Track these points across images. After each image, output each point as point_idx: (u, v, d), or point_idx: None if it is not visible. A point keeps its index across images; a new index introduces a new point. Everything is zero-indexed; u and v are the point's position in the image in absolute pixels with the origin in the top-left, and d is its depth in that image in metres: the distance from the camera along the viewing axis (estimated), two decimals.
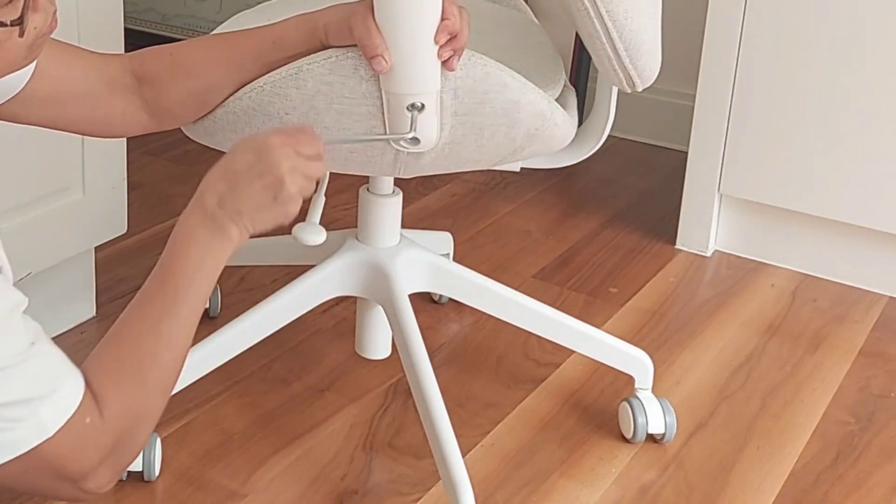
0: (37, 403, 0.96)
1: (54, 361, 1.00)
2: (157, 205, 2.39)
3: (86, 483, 1.03)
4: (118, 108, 1.29)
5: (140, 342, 1.07)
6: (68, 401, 0.99)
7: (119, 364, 1.06)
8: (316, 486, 1.57)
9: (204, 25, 3.19)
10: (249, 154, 1.13)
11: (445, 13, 1.21)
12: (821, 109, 2.10)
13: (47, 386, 0.97)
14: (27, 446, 0.96)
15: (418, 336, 1.52)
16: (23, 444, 0.96)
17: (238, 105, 1.30)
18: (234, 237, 1.13)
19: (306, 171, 1.14)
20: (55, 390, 0.98)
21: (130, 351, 1.07)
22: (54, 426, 0.97)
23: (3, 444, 0.95)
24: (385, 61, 1.22)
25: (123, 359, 1.06)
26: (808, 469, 1.65)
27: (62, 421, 0.98)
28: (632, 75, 1.37)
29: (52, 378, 0.98)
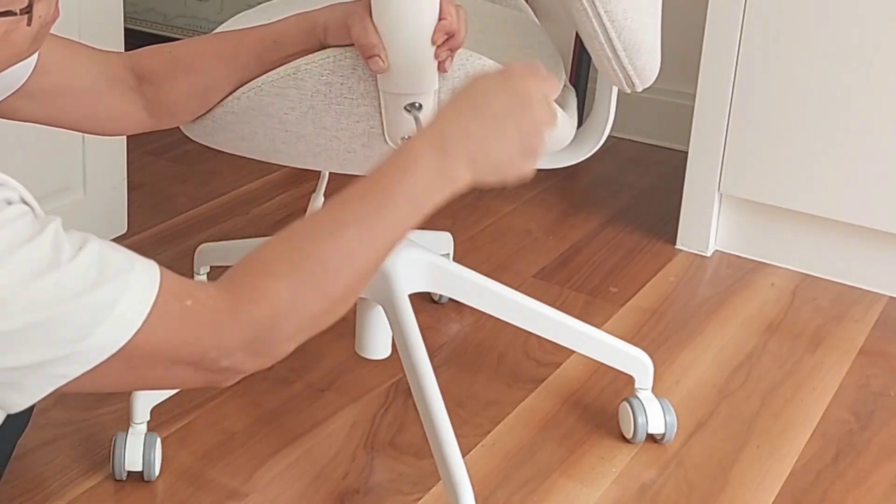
0: (109, 300, 0.89)
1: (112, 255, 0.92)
2: (157, 205, 2.39)
3: (217, 362, 0.96)
4: (118, 105, 1.29)
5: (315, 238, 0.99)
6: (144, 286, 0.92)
7: (272, 254, 0.99)
8: (316, 485, 1.57)
9: (204, 25, 3.20)
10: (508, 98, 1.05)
11: (443, 13, 1.21)
12: (821, 109, 2.10)
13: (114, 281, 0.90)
14: (114, 346, 0.90)
15: (418, 336, 1.52)
16: (108, 344, 0.90)
17: (237, 105, 1.30)
18: (459, 180, 1.04)
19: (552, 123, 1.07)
20: (125, 281, 0.90)
21: (296, 243, 0.99)
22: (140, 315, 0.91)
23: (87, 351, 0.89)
24: (382, 61, 1.22)
25: (283, 249, 0.99)
26: (808, 468, 1.65)
27: (146, 308, 0.91)
28: (631, 75, 1.37)
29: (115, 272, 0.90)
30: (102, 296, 0.89)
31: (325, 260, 0.98)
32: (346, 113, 1.28)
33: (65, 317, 0.88)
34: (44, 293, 0.87)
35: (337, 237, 0.99)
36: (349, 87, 1.27)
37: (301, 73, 1.27)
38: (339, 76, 1.26)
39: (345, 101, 1.28)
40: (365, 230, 1.00)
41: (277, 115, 1.30)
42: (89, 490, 1.54)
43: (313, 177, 2.49)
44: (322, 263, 0.98)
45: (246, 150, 1.39)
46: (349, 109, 1.28)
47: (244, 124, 1.32)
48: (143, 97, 1.29)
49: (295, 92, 1.28)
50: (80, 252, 0.90)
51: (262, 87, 1.28)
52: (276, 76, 1.28)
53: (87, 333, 0.89)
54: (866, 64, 2.04)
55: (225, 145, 1.38)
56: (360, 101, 1.27)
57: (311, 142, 1.33)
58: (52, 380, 0.91)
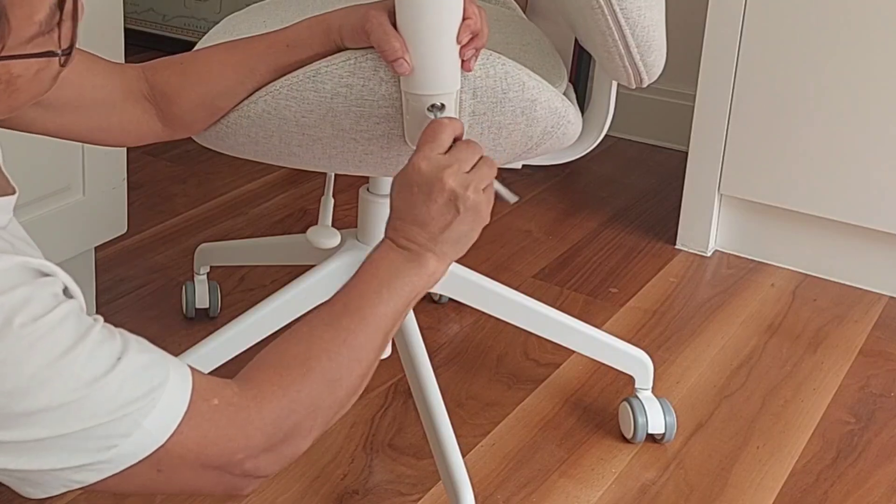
0: (139, 416, 0.90)
1: (148, 366, 0.92)
2: (157, 205, 2.39)
3: (241, 465, 0.97)
4: (133, 117, 1.29)
5: (314, 335, 1.04)
6: (176, 399, 0.92)
7: (284, 351, 1.02)
8: (316, 485, 1.57)
9: (204, 26, 3.19)
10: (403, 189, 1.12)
11: (467, 12, 1.21)
12: (821, 109, 2.10)
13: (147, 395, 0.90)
14: (135, 458, 0.91)
15: (418, 336, 1.52)
16: (130, 457, 0.91)
17: (253, 109, 1.30)
18: (430, 266, 1.12)
19: (485, 183, 1.14)
20: (157, 396, 0.91)
21: (301, 341, 1.03)
22: (166, 431, 0.91)
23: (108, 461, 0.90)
24: (407, 63, 1.21)
25: (290, 347, 1.03)
26: (808, 468, 1.65)
27: (175, 422, 0.92)
28: (641, 71, 1.38)
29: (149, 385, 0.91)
30: (134, 411, 0.90)
31: (329, 352, 1.03)
32: (367, 115, 1.28)
33: (94, 429, 0.89)
34: (78, 408, 0.88)
35: (334, 330, 1.04)
36: (370, 90, 1.26)
37: (321, 75, 1.26)
38: (359, 78, 1.26)
39: (365, 104, 1.27)
40: (357, 321, 1.06)
41: (294, 119, 1.29)
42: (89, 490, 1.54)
43: (313, 177, 2.49)
44: (327, 356, 1.03)
45: (258, 155, 1.38)
46: (369, 111, 1.28)
47: (259, 128, 1.31)
48: (157, 108, 1.29)
49: (314, 95, 1.27)
50: (117, 366, 0.90)
51: (279, 91, 1.28)
52: (295, 79, 1.27)
53: (113, 444, 0.90)
54: (866, 64, 2.04)
55: (237, 150, 1.38)
56: (381, 104, 1.27)
57: (327, 144, 1.32)
58: (68, 483, 0.92)
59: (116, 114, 1.27)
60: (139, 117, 1.29)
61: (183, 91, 1.28)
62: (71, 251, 1.85)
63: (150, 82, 1.29)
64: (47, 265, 0.91)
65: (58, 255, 1.82)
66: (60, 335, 0.88)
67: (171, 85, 1.28)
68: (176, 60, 1.30)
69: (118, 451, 0.90)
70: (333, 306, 1.07)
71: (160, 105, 1.29)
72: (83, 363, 0.88)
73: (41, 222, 1.76)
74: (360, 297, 1.08)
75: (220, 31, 1.55)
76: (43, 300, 0.88)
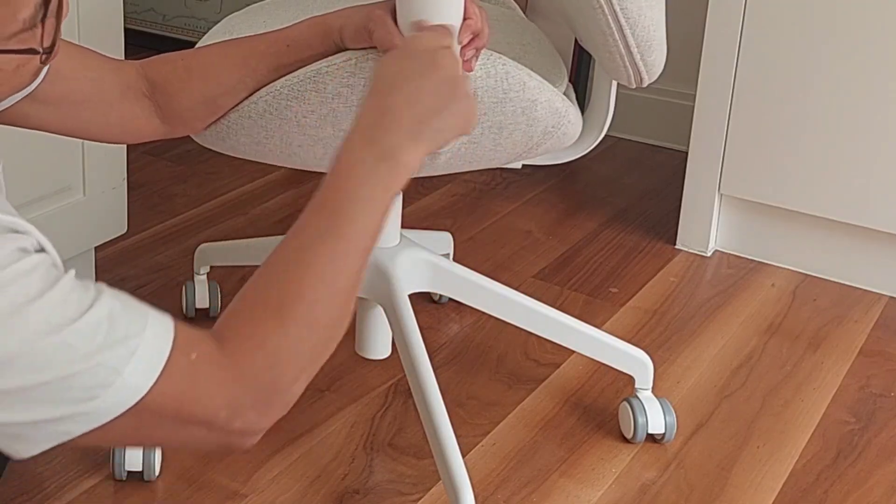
0: (118, 363, 0.88)
1: (124, 314, 0.90)
2: (157, 205, 2.39)
3: (229, 423, 0.94)
4: (131, 113, 1.28)
5: (285, 273, 0.96)
6: (156, 348, 0.90)
7: (253, 299, 0.96)
8: (316, 486, 1.57)
9: (204, 26, 3.20)
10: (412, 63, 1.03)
11: (467, 13, 1.21)
12: (821, 109, 2.10)
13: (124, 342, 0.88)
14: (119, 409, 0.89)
15: (418, 336, 1.52)
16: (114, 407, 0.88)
17: (253, 108, 1.30)
18: (407, 158, 1.00)
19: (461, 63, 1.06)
20: (135, 343, 0.89)
21: (269, 284, 0.96)
22: (148, 380, 0.89)
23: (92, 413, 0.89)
24: None
25: (262, 291, 0.96)
26: (808, 468, 1.65)
27: (156, 371, 0.89)
28: (641, 71, 1.38)
29: (126, 332, 0.89)
30: (111, 358, 0.88)
31: (301, 291, 0.96)
32: None
33: (72, 378, 0.87)
34: (51, 352, 0.86)
35: (305, 264, 0.96)
36: None
37: (322, 75, 1.26)
38: (361, 78, 1.26)
39: None
40: (329, 247, 0.97)
41: (295, 119, 1.29)
42: (89, 490, 1.54)
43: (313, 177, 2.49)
44: (300, 295, 0.96)
45: (259, 155, 1.38)
46: None
47: (260, 128, 1.31)
48: (156, 105, 1.29)
49: (315, 95, 1.27)
50: (90, 310, 0.88)
51: (280, 91, 1.28)
52: (296, 79, 1.27)
53: (94, 395, 0.88)
54: (866, 64, 2.04)
55: (238, 150, 1.38)
56: None
57: (328, 144, 1.32)
58: (57, 435, 0.90)
59: (114, 110, 1.27)
60: (137, 114, 1.29)
61: (183, 88, 1.28)
62: (71, 251, 1.85)
63: (149, 79, 1.28)
64: (20, 223, 0.90)
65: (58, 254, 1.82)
66: (28, 283, 0.87)
67: (170, 82, 1.28)
68: (176, 57, 1.30)
69: (100, 402, 0.88)
70: (303, 233, 0.98)
71: (159, 102, 1.29)
72: (53, 308, 0.87)
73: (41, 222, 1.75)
74: (332, 218, 0.98)
75: (221, 31, 1.55)
76: (9, 252, 0.87)
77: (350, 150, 1.01)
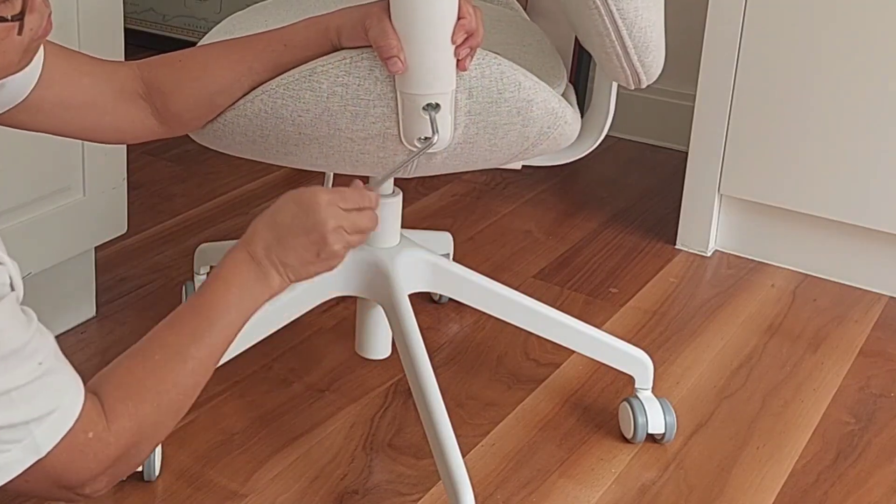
0: (33, 425, 0.97)
1: (56, 380, 1.00)
2: (157, 205, 2.39)
3: (82, 489, 1.04)
4: (127, 115, 1.28)
5: (164, 363, 1.08)
6: (64, 420, 0.99)
7: (138, 380, 1.07)
8: (316, 486, 1.57)
9: (204, 25, 3.19)
10: (297, 209, 1.18)
11: (461, 12, 1.21)
12: (821, 109, 2.10)
13: (45, 406, 0.98)
14: (22, 466, 0.98)
15: (418, 336, 1.52)
16: (18, 464, 0.97)
17: (250, 108, 1.30)
18: (274, 285, 1.17)
19: (354, 226, 1.19)
20: (52, 411, 0.98)
21: (153, 370, 1.08)
22: (48, 446, 0.98)
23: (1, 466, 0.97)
24: (401, 62, 1.22)
25: (145, 376, 1.07)
26: (808, 469, 1.65)
27: (56, 440, 0.99)
28: (639, 72, 1.38)
29: (50, 398, 0.98)
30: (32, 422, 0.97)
31: (178, 382, 1.08)
32: (362, 114, 1.28)
33: None
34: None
35: (182, 358, 1.09)
36: (366, 89, 1.26)
37: (317, 74, 1.26)
38: (355, 77, 1.26)
39: (361, 103, 1.27)
40: (203, 345, 1.10)
41: (291, 118, 1.29)
42: None
43: (313, 177, 2.49)
44: (176, 385, 1.08)
45: (255, 154, 1.38)
46: (365, 111, 1.28)
47: (256, 127, 1.31)
48: (153, 106, 1.29)
49: (310, 94, 1.27)
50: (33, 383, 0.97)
51: (275, 90, 1.28)
52: (291, 78, 1.27)
53: (6, 449, 0.96)
54: (866, 64, 2.04)
55: (234, 149, 1.38)
56: (376, 103, 1.27)
57: (324, 144, 1.32)
58: None
59: (109, 113, 1.27)
60: (134, 116, 1.29)
61: (180, 88, 1.28)
62: (71, 251, 1.85)
63: (145, 79, 1.28)
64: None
65: (58, 255, 1.82)
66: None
67: (168, 82, 1.28)
68: (174, 57, 1.30)
69: (8, 456, 0.96)
70: (184, 329, 1.11)
71: (156, 102, 1.29)
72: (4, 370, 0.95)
73: (41, 222, 1.76)
74: (209, 322, 1.12)
75: (221, 31, 1.55)
76: None
77: (234, 262, 1.16)
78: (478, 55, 1.27)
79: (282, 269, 1.17)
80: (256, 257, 1.16)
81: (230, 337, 1.14)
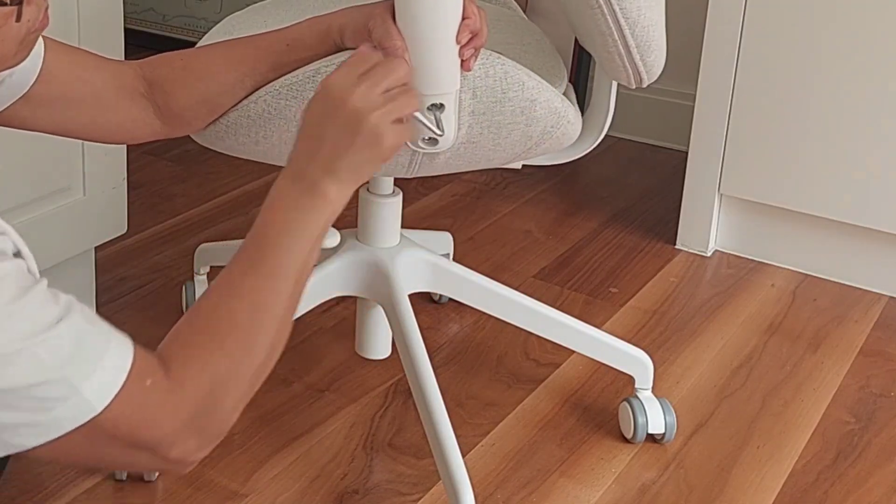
0: (77, 380, 0.90)
1: (90, 332, 0.93)
2: (157, 205, 2.39)
3: (169, 451, 0.97)
4: (129, 114, 1.28)
5: (218, 304, 1.02)
6: (114, 370, 0.93)
7: (193, 327, 1.01)
8: (316, 485, 1.57)
9: (204, 25, 3.19)
10: (324, 107, 1.07)
11: (466, 12, 1.21)
12: (821, 109, 2.10)
13: (86, 360, 0.91)
14: (73, 424, 0.91)
15: (418, 336, 1.52)
16: (68, 421, 0.91)
17: (253, 108, 1.30)
18: (331, 194, 1.06)
19: (397, 112, 1.07)
20: (96, 362, 0.92)
21: (207, 314, 1.01)
22: (103, 400, 0.91)
23: (46, 424, 0.90)
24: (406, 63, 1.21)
25: (199, 322, 1.01)
26: (808, 468, 1.65)
27: (112, 392, 0.92)
28: (640, 71, 1.38)
29: (89, 351, 0.92)
30: (72, 374, 0.90)
31: (235, 319, 1.01)
32: None
33: (33, 388, 0.89)
34: (17, 360, 0.88)
35: (237, 294, 1.02)
36: None
37: (321, 75, 1.26)
38: None
39: None
40: (257, 277, 1.03)
41: (294, 119, 1.29)
42: (89, 490, 1.54)
43: None
44: (233, 323, 1.01)
45: (258, 155, 1.38)
46: None
47: (259, 128, 1.31)
48: (155, 105, 1.29)
49: None
50: (59, 323, 0.91)
51: (279, 91, 1.28)
52: (294, 79, 1.27)
53: (50, 407, 0.90)
54: (866, 64, 2.04)
55: (236, 150, 1.38)
56: None
57: None
58: (8, 447, 0.92)
59: (110, 110, 1.27)
60: (135, 114, 1.29)
61: (182, 88, 1.28)
62: (71, 251, 1.85)
63: (147, 79, 1.28)
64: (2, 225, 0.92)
65: (58, 255, 1.82)
66: (4, 287, 0.88)
67: (169, 81, 1.28)
68: (175, 57, 1.30)
69: (55, 414, 0.90)
70: (235, 267, 1.04)
71: (158, 102, 1.28)
72: (22, 318, 0.89)
73: (41, 222, 1.76)
74: (260, 250, 1.04)
75: (221, 31, 1.55)
76: None
77: (277, 187, 1.08)
78: (482, 55, 1.27)
79: (333, 175, 1.05)
80: (299, 173, 1.06)
81: (295, 263, 1.04)
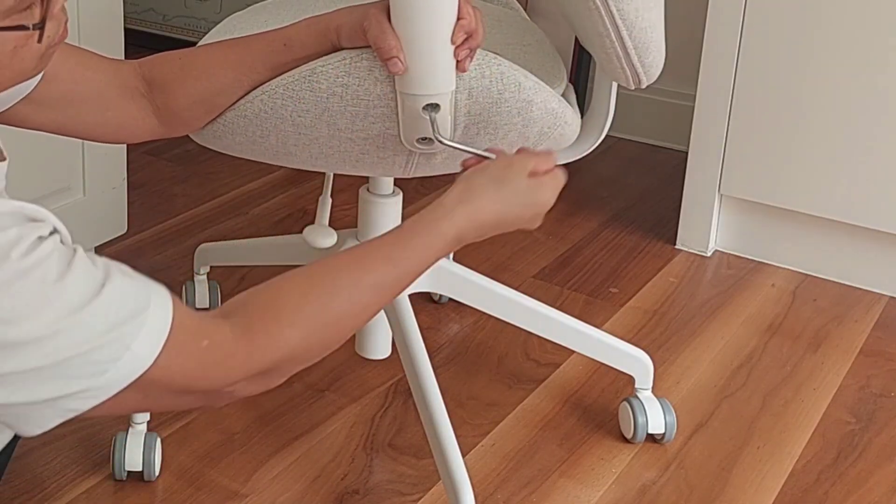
0: (128, 339, 0.93)
1: (132, 290, 0.96)
2: (157, 205, 2.39)
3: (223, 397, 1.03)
4: (129, 113, 1.29)
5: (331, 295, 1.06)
6: (160, 320, 0.95)
7: (290, 297, 1.05)
8: (316, 486, 1.57)
9: (204, 26, 3.19)
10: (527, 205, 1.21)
11: (461, 12, 1.21)
12: (821, 109, 2.10)
13: (133, 318, 0.93)
14: (126, 381, 0.93)
15: (418, 336, 1.52)
16: (121, 380, 0.93)
17: (249, 108, 1.30)
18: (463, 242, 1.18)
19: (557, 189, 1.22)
20: (142, 318, 0.94)
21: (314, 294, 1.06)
22: (153, 354, 0.94)
23: (100, 387, 0.93)
24: (401, 63, 1.21)
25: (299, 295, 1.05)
26: (808, 468, 1.65)
27: (159, 345, 0.94)
28: (639, 72, 1.38)
29: (134, 308, 0.94)
30: (122, 334, 0.92)
31: (338, 318, 1.06)
32: (362, 115, 1.28)
33: (87, 354, 0.91)
34: (72, 332, 0.90)
35: (353, 297, 1.07)
36: (365, 89, 1.26)
37: (316, 75, 1.26)
38: (355, 78, 1.26)
39: (361, 103, 1.27)
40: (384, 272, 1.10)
41: (291, 118, 1.29)
42: (89, 490, 1.54)
43: (313, 177, 2.50)
44: (336, 322, 1.06)
45: (256, 154, 1.38)
46: (365, 111, 1.28)
47: (256, 127, 1.31)
48: (154, 104, 1.29)
49: (310, 94, 1.27)
50: (104, 288, 0.93)
51: (275, 90, 1.28)
52: (291, 78, 1.27)
53: (104, 370, 0.92)
54: (866, 64, 2.04)
55: (234, 149, 1.38)
56: (376, 103, 1.27)
57: (324, 144, 1.32)
58: (64, 413, 0.94)
59: (111, 109, 1.27)
60: (135, 113, 1.29)
61: (180, 87, 1.28)
62: None
63: (146, 78, 1.29)
64: (40, 211, 0.94)
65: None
66: (50, 266, 0.91)
67: (168, 81, 1.28)
68: (174, 56, 1.30)
69: (110, 375, 0.92)
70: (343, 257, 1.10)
71: (157, 101, 1.29)
72: (72, 291, 0.91)
73: None
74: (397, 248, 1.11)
75: (221, 31, 1.55)
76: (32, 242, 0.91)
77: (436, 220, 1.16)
78: (478, 56, 1.27)
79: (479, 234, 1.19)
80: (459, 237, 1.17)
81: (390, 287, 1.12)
